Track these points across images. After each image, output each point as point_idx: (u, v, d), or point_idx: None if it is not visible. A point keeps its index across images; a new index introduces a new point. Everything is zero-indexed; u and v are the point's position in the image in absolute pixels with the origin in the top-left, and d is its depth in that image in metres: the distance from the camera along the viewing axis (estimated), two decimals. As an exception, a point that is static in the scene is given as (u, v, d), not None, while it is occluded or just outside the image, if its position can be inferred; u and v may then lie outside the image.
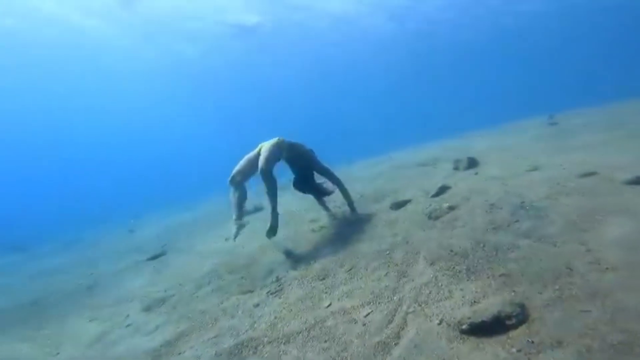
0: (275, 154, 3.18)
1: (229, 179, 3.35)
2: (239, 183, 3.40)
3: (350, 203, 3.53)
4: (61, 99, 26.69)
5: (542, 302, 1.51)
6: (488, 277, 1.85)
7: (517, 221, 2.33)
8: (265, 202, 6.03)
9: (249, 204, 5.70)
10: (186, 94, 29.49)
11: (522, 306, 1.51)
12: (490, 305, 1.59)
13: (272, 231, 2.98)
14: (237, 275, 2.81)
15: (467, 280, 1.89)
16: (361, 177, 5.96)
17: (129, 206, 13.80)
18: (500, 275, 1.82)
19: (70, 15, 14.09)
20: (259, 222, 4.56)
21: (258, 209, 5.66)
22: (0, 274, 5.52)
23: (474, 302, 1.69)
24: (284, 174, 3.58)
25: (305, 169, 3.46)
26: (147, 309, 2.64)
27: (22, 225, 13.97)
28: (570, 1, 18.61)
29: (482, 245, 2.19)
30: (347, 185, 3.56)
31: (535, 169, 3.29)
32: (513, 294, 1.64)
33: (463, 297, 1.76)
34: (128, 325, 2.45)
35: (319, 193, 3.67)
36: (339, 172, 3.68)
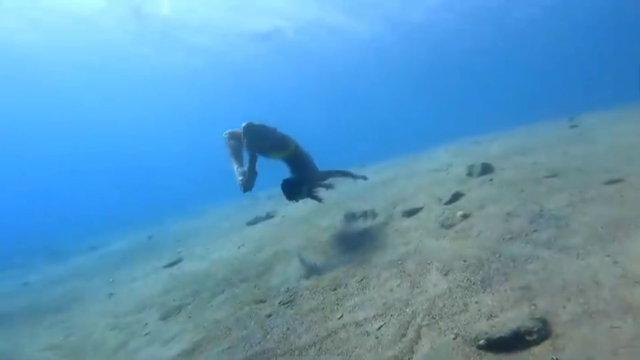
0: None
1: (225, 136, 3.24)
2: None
3: (360, 177, 3.58)
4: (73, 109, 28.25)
5: (566, 317, 1.44)
6: (505, 290, 1.78)
7: (535, 231, 2.25)
8: (278, 208, 6.12)
9: (260, 211, 5.78)
10: (196, 102, 30.44)
11: (543, 321, 1.44)
12: (509, 320, 1.53)
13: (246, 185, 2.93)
14: (250, 284, 2.84)
15: (483, 292, 1.84)
16: (371, 182, 5.92)
17: (147, 212, 14.24)
18: (518, 288, 1.75)
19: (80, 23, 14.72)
20: (271, 229, 4.61)
21: (270, 216, 5.70)
22: (30, 277, 5.82)
23: (491, 316, 1.63)
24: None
25: (297, 167, 3.28)
26: (164, 317, 2.70)
27: (51, 230, 14.69)
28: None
29: (498, 255, 2.12)
30: (356, 191, 3.52)
31: (554, 175, 3.16)
32: (533, 307, 1.57)
33: (479, 310, 1.70)
34: (147, 334, 2.52)
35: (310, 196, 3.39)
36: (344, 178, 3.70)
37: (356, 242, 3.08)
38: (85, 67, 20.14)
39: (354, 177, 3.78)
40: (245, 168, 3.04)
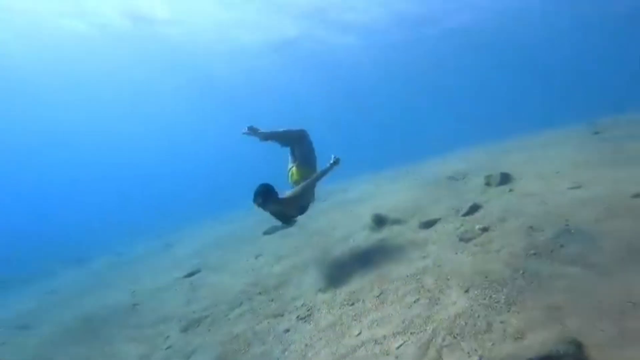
0: None
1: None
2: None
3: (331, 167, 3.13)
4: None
5: (604, 340, 1.36)
6: (532, 309, 1.71)
7: (562, 246, 2.16)
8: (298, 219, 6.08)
9: (276, 220, 5.81)
10: (221, 110, 31.44)
11: (577, 344, 1.36)
12: (538, 342, 1.47)
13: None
14: (267, 297, 2.87)
15: (508, 311, 1.77)
16: (383, 192, 5.87)
17: (165, 218, 14.58)
18: (546, 307, 1.68)
19: (96, 34, 15.54)
20: (287, 239, 4.64)
21: (286, 226, 5.70)
22: (59, 286, 6.11)
23: (518, 337, 1.57)
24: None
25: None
26: (185, 329, 2.76)
27: (77, 237, 15.31)
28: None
29: (521, 272, 2.05)
30: (369, 202, 3.47)
31: (579, 186, 3.03)
32: (564, 328, 1.49)
33: (504, 330, 1.64)
34: (168, 348, 2.57)
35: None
36: (357, 186, 3.67)
37: (372, 254, 3.05)
38: (104, 76, 21.43)
39: (328, 170, 3.27)
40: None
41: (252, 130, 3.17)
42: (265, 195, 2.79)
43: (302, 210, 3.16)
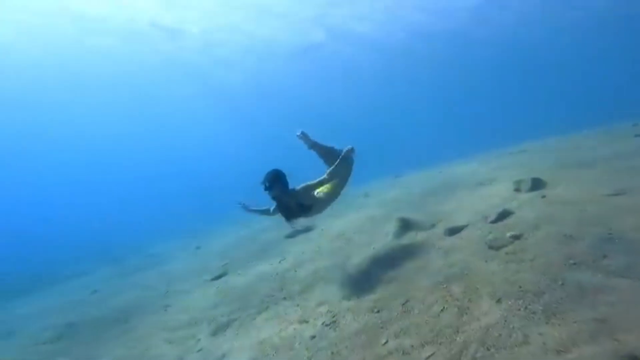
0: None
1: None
2: None
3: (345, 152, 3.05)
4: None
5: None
6: (575, 322, 1.61)
7: (605, 257, 2.02)
8: (316, 221, 6.09)
9: (298, 224, 5.87)
10: (240, 114, 32.54)
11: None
12: (587, 357, 1.38)
13: None
14: (292, 302, 2.92)
15: (547, 323, 1.69)
16: (409, 195, 5.77)
17: (194, 220, 15.16)
18: (592, 320, 1.58)
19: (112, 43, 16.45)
20: (310, 243, 4.69)
21: (308, 229, 5.75)
22: (98, 285, 6.60)
23: (561, 350, 1.49)
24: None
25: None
26: (214, 333, 2.87)
27: (112, 237, 16.37)
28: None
29: (560, 283, 1.95)
30: (392, 205, 3.42)
31: (621, 192, 2.82)
32: (617, 343, 1.40)
33: (544, 343, 1.56)
34: (199, 350, 2.68)
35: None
36: (378, 190, 3.62)
37: (396, 260, 3.01)
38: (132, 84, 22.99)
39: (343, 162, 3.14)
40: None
41: (304, 136, 3.28)
42: (273, 180, 2.76)
43: (306, 210, 3.02)
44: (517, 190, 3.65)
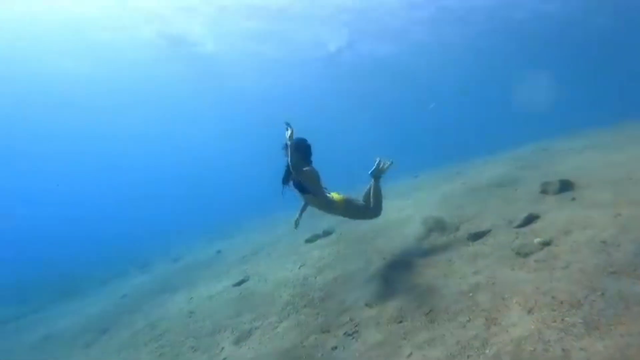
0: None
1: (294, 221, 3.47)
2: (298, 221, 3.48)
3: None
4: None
5: None
6: (622, 335, 1.51)
7: (646, 265, 1.89)
8: (335, 225, 6.14)
9: (317, 228, 5.90)
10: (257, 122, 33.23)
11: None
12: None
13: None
14: (313, 310, 2.94)
15: (589, 336, 1.59)
16: (429, 196, 5.64)
17: (216, 224, 15.56)
18: (641, 334, 1.48)
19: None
20: (329, 248, 4.69)
21: (327, 233, 5.74)
22: (127, 290, 6.96)
23: (608, 367, 1.41)
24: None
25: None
26: (237, 341, 2.92)
27: (139, 241, 17.11)
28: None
29: (600, 293, 1.83)
30: (413, 208, 3.35)
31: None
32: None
33: (587, 359, 1.48)
34: (224, 359, 2.74)
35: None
36: (403, 187, 3.55)
37: (418, 266, 2.95)
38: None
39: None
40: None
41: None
42: (298, 144, 2.85)
43: (301, 191, 2.96)
44: (544, 192, 3.48)
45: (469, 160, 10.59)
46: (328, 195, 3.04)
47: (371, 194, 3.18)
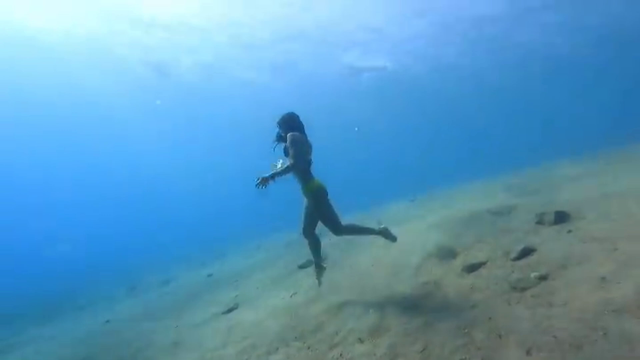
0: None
1: (301, 231, 3.44)
2: (310, 233, 3.44)
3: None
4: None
5: None
6: (628, 381, 1.43)
7: (647, 304, 1.83)
8: (329, 250, 6.07)
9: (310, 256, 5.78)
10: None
11: None
12: None
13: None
14: (303, 344, 2.78)
15: (592, 382, 1.50)
16: (425, 224, 5.58)
17: (207, 245, 15.20)
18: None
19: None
20: (323, 276, 4.55)
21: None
22: (111, 315, 6.61)
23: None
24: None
25: None
26: (222, 376, 2.75)
27: (128, 257, 16.55)
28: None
29: (602, 332, 1.76)
30: (408, 235, 3.36)
31: (657, 225, 2.61)
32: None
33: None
34: None
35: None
36: (399, 211, 3.53)
37: (413, 299, 2.86)
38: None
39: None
40: (323, 264, 3.59)
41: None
42: (287, 118, 3.09)
43: (296, 155, 2.87)
44: (540, 222, 3.46)
45: (467, 183, 10.67)
46: (310, 173, 3.06)
47: (358, 227, 3.26)
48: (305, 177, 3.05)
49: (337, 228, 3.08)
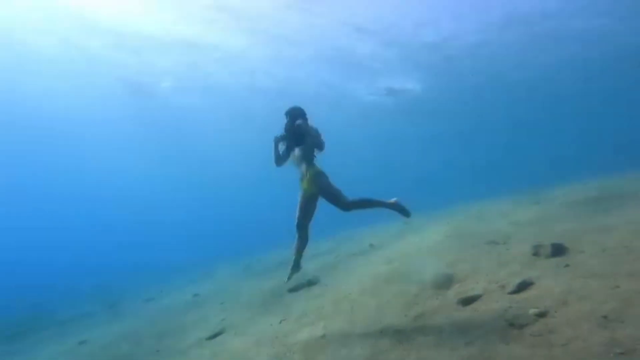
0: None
1: (296, 223, 3.47)
2: (304, 226, 3.47)
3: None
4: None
5: None
6: None
7: (654, 347, 1.73)
8: (320, 274, 5.85)
9: (302, 277, 5.58)
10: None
11: None
12: None
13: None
14: (289, 379, 2.60)
15: None
16: (418, 250, 5.46)
17: (198, 263, 14.70)
18: None
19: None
20: (311, 301, 4.36)
21: (311, 283, 5.43)
22: (88, 335, 6.19)
23: None
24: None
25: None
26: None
27: (108, 278, 15.83)
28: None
29: (605, 379, 1.65)
30: (400, 261, 3.25)
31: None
32: None
33: None
34: None
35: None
36: (392, 234, 3.41)
37: (407, 332, 2.72)
38: None
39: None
40: (300, 267, 3.64)
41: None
42: (297, 110, 3.41)
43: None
44: (536, 255, 3.38)
45: (463, 205, 10.62)
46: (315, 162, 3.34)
47: (366, 199, 3.25)
48: (310, 162, 3.36)
49: (346, 202, 3.14)
